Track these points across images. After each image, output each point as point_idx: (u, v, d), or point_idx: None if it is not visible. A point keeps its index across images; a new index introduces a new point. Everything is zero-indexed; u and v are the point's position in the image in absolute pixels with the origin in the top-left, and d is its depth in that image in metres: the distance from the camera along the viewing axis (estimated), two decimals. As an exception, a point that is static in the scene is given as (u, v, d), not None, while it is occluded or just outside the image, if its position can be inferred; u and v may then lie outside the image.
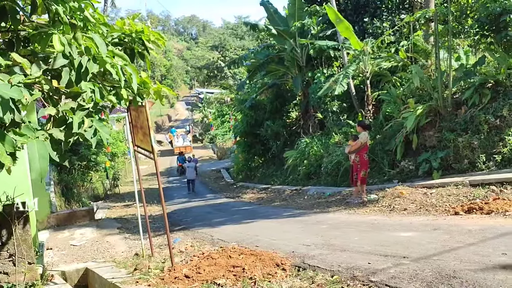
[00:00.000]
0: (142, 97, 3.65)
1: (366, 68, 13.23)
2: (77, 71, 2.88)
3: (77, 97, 3.07)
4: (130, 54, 3.60)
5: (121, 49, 3.52)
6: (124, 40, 3.59)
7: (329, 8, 13.32)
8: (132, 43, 3.58)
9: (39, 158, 2.59)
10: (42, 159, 2.60)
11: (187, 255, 6.63)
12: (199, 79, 72.84)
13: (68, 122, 2.95)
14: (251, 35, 60.13)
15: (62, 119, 2.97)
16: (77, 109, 3.00)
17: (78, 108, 3.00)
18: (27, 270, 4.71)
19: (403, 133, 10.50)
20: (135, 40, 3.56)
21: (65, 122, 2.96)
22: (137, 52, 3.61)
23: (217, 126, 39.19)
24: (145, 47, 3.61)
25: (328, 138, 14.49)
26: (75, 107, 3.00)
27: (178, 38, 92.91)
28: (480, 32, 10.75)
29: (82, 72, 2.89)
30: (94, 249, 8.16)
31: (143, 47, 3.62)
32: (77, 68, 2.87)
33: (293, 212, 10.01)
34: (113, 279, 5.74)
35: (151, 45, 3.63)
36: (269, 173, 18.15)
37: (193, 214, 12.09)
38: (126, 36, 3.57)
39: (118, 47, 3.52)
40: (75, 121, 2.90)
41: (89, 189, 18.70)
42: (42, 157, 2.61)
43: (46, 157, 2.64)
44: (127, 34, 3.56)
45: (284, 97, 19.34)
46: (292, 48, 16.77)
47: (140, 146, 6.48)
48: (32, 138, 2.63)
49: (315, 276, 4.82)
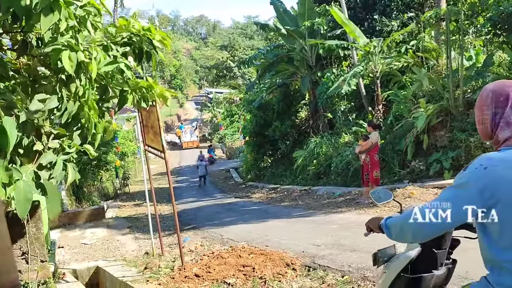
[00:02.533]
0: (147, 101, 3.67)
1: (376, 68, 13.16)
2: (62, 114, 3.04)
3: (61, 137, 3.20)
4: (138, 54, 3.61)
5: (130, 49, 3.53)
6: (132, 40, 3.59)
7: (334, 11, 13.35)
8: (141, 43, 3.58)
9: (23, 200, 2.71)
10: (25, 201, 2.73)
11: (197, 254, 6.65)
12: (208, 79, 72.92)
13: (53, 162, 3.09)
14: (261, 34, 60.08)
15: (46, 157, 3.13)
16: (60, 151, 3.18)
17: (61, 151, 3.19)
18: (40, 268, 4.76)
19: (414, 133, 10.42)
20: (143, 40, 3.57)
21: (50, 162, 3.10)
22: (145, 52, 3.61)
23: (226, 126, 39.20)
24: (153, 46, 3.62)
25: (338, 138, 14.43)
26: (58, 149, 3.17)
27: (187, 38, 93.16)
28: (492, 31, 10.63)
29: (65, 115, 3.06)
30: (105, 247, 8.23)
31: (151, 47, 3.62)
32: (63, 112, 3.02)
33: (303, 212, 10.00)
34: (124, 278, 5.78)
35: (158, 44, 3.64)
36: (278, 173, 18.12)
37: (202, 214, 12.12)
38: (135, 35, 3.58)
39: (127, 47, 3.53)
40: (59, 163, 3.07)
41: (99, 188, 18.86)
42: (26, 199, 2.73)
43: (30, 197, 2.75)
44: (135, 34, 3.57)
45: (293, 97, 19.30)
46: (301, 48, 16.73)
47: (151, 146, 6.52)
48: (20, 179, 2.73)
49: (326, 276, 4.82)
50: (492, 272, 1.64)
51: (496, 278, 1.61)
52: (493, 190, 1.52)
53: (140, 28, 3.58)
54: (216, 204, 14.36)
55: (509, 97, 1.64)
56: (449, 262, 2.21)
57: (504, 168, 1.53)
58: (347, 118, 15.33)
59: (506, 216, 1.53)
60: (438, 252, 2.10)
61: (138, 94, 3.51)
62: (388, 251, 2.29)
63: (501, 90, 1.66)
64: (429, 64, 12.78)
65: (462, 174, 1.63)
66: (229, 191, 18.44)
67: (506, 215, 1.53)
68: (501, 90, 1.67)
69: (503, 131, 1.64)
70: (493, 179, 1.53)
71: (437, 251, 2.09)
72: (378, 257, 2.26)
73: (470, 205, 1.57)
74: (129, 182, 23.12)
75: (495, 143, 1.69)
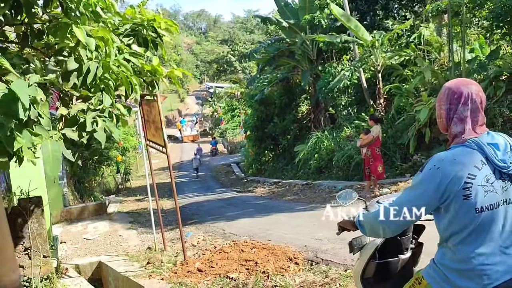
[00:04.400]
0: (154, 85, 3.63)
1: (377, 61, 13.10)
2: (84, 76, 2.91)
3: (87, 99, 3.11)
4: (143, 43, 3.59)
5: (134, 39, 3.50)
6: (136, 29, 3.57)
7: (333, 8, 13.29)
8: (145, 32, 3.55)
9: (52, 159, 2.63)
10: (54, 160, 2.64)
11: (199, 249, 6.65)
12: (209, 73, 72.80)
13: (80, 122, 2.98)
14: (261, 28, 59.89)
15: (73, 120, 3.01)
16: (87, 110, 3.04)
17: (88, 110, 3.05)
18: (43, 263, 4.76)
19: (416, 127, 10.39)
20: (147, 29, 3.54)
21: (76, 122, 3.00)
22: (150, 40, 3.58)
23: (227, 121, 39.15)
24: (157, 34, 3.59)
25: (339, 132, 14.40)
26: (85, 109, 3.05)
27: (188, 32, 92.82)
28: (494, 23, 10.57)
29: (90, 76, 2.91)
30: (107, 242, 8.23)
31: (155, 35, 3.59)
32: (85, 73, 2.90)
33: (305, 206, 9.98)
34: (127, 273, 5.79)
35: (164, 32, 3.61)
36: (279, 167, 18.11)
37: (204, 208, 12.12)
38: (138, 25, 3.55)
39: (131, 37, 3.50)
40: (88, 121, 2.94)
41: (101, 184, 18.86)
42: (55, 158, 2.64)
43: (59, 158, 2.68)
44: (139, 24, 3.54)
45: (294, 91, 19.24)
46: (302, 42, 16.64)
47: (152, 141, 6.50)
48: (47, 138, 2.66)
49: (328, 270, 4.82)
50: (437, 252, 1.90)
51: (439, 258, 1.86)
52: (446, 186, 1.72)
53: (145, 18, 3.55)
54: (217, 198, 14.35)
55: (462, 95, 1.83)
56: (414, 246, 2.46)
57: (451, 165, 1.74)
58: (349, 112, 15.28)
59: (456, 207, 1.73)
60: (402, 238, 2.35)
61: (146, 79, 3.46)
62: (362, 239, 2.51)
63: (456, 88, 1.85)
64: (430, 57, 12.72)
65: (419, 176, 1.82)
66: (231, 186, 18.44)
67: (456, 206, 1.73)
68: (456, 88, 1.85)
69: (456, 126, 1.84)
70: (445, 176, 1.72)
71: (400, 238, 2.34)
72: (353, 245, 2.50)
73: (428, 202, 1.78)
74: (130, 177, 23.12)
75: (449, 136, 1.89)
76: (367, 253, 2.44)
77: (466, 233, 1.74)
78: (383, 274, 2.43)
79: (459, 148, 1.79)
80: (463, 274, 1.75)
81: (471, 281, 1.73)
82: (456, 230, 1.76)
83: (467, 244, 1.74)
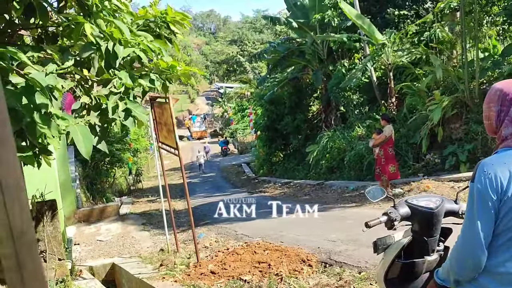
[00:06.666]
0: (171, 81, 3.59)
1: (389, 60, 13.00)
2: (105, 57, 2.89)
3: (107, 83, 3.08)
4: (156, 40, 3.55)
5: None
6: (148, 26, 3.52)
7: (345, 7, 13.19)
8: (158, 28, 3.49)
9: (83, 139, 2.66)
10: (86, 140, 2.68)
11: (212, 251, 6.65)
12: (219, 73, 72.98)
13: (102, 108, 2.98)
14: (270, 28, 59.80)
15: (96, 106, 3.01)
16: (109, 94, 3.02)
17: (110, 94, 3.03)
18: (58, 266, 4.80)
19: (428, 126, 10.27)
20: (160, 25, 3.48)
21: (99, 108, 3.00)
22: (163, 37, 3.53)
23: (237, 121, 39.20)
24: (170, 30, 3.53)
25: (351, 132, 14.30)
26: (107, 94, 3.03)
27: (197, 33, 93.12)
28: (508, 21, 10.43)
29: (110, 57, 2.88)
30: (120, 244, 8.28)
31: (168, 31, 3.53)
32: (105, 54, 2.87)
33: (317, 206, 9.93)
34: (140, 275, 5.81)
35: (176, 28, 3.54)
36: (290, 167, 18.06)
37: (216, 209, 12.11)
38: (150, 22, 3.50)
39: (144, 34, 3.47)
40: (110, 105, 2.93)
41: (113, 185, 18.99)
42: (86, 138, 2.69)
43: (90, 138, 2.72)
44: (151, 20, 3.48)
45: (304, 91, 19.18)
46: (313, 41, 16.58)
47: (164, 143, 6.52)
48: (73, 124, 2.69)
49: (342, 273, 4.78)
50: None
51: None
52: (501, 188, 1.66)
53: (157, 13, 3.51)
54: (228, 199, 14.35)
55: None
56: (441, 249, 2.40)
57: (500, 167, 1.67)
58: (360, 112, 15.18)
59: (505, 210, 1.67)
60: (429, 240, 2.31)
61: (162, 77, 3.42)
62: (386, 239, 2.48)
63: (509, 90, 1.76)
64: (443, 56, 12.58)
65: (474, 187, 1.72)
66: (242, 186, 18.44)
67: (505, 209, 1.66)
68: (508, 89, 1.77)
69: (507, 128, 1.76)
70: (497, 180, 1.66)
71: (427, 239, 2.30)
72: (377, 245, 2.47)
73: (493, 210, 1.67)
74: (141, 178, 23.26)
75: (498, 138, 1.81)
76: (392, 253, 2.41)
77: (508, 236, 1.68)
78: (408, 275, 2.40)
79: (509, 151, 1.72)
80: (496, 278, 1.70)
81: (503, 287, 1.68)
82: (499, 232, 1.70)
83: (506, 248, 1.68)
